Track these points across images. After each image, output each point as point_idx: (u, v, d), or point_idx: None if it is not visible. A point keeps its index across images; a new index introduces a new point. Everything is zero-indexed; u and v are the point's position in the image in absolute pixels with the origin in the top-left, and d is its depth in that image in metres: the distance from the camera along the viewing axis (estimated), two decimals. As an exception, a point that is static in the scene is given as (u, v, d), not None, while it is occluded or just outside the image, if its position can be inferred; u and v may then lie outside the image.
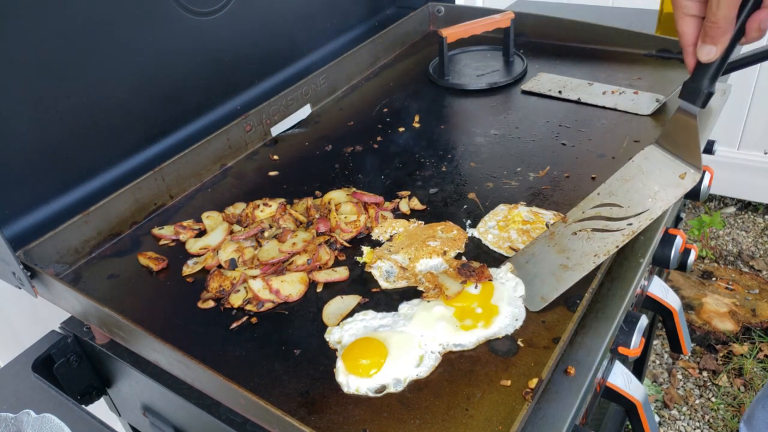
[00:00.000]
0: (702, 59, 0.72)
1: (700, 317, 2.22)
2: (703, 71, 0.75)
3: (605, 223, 0.83)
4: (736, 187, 2.80)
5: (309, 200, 1.06)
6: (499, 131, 1.23)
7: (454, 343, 0.79)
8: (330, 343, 0.82)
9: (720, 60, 0.73)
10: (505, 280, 0.86)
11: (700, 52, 0.71)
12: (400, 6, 1.75)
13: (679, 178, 0.82)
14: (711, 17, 0.68)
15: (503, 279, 0.86)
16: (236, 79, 1.32)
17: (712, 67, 0.74)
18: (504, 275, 0.87)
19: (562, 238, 0.86)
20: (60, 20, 0.97)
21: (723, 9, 0.66)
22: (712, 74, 0.75)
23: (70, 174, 1.05)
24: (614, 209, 0.84)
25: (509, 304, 0.82)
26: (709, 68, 0.75)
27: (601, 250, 0.81)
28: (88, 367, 0.98)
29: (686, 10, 0.71)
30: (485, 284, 0.84)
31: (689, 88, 0.78)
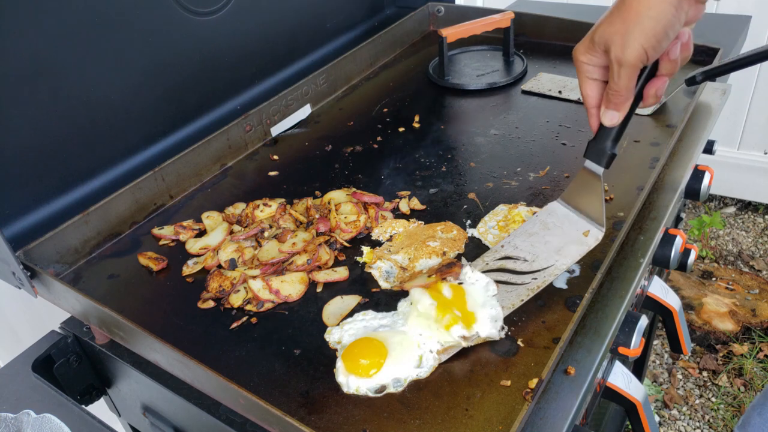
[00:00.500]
0: (606, 123, 0.76)
1: (700, 317, 2.22)
2: (607, 133, 0.78)
3: (510, 276, 0.83)
4: (736, 187, 2.80)
5: (309, 200, 1.06)
6: (499, 131, 1.23)
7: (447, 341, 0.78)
8: (330, 343, 0.82)
9: (619, 128, 0.77)
10: (473, 281, 0.83)
11: (604, 116, 0.75)
12: (400, 6, 1.75)
13: (582, 236, 0.83)
14: (613, 86, 0.72)
15: (471, 280, 0.84)
16: (236, 79, 1.32)
17: (614, 130, 0.77)
18: (471, 276, 0.84)
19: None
20: (60, 20, 0.97)
21: (624, 79, 0.70)
22: (614, 136, 0.78)
23: (70, 174, 1.05)
24: (518, 262, 0.84)
25: (484, 306, 0.80)
26: (612, 131, 0.77)
27: (505, 303, 0.80)
28: (88, 367, 0.98)
29: (589, 75, 0.75)
30: (456, 288, 0.82)
31: (594, 148, 0.80)
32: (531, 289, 0.81)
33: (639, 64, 0.69)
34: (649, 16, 0.66)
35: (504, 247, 0.87)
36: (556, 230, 0.85)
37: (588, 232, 0.83)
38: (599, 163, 0.80)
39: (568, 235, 0.84)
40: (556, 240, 0.84)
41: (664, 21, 0.66)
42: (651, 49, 0.68)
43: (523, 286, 0.81)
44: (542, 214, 0.88)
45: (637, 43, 0.67)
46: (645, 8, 0.66)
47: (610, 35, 0.69)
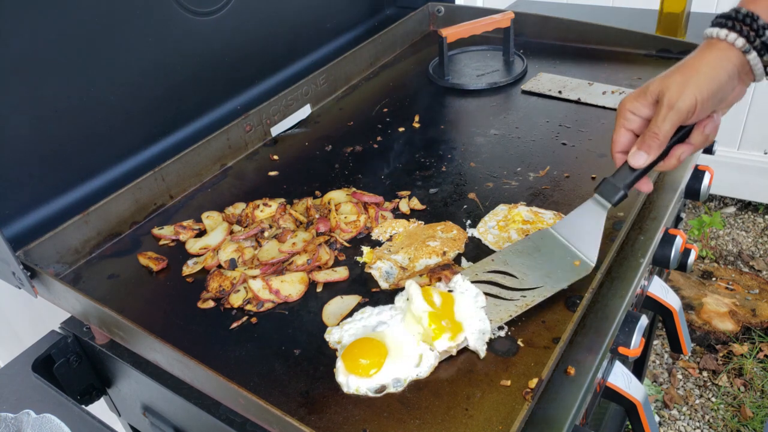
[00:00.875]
0: (632, 163, 0.78)
1: (700, 317, 2.22)
2: (626, 174, 0.80)
3: (499, 291, 0.83)
4: (736, 187, 2.80)
5: (309, 200, 1.06)
6: (499, 131, 1.23)
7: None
8: (330, 343, 0.81)
9: (639, 173, 0.79)
10: (464, 290, 0.83)
11: (634, 157, 0.78)
12: (400, 6, 1.75)
13: (573, 264, 0.83)
14: (654, 128, 0.75)
15: (461, 288, 0.83)
16: (236, 79, 1.32)
17: (634, 175, 0.79)
18: (461, 284, 0.84)
19: None
20: (60, 20, 0.97)
21: (667, 124, 0.74)
22: (631, 180, 0.80)
23: (70, 174, 1.05)
24: (508, 278, 0.84)
25: (472, 317, 0.79)
26: (631, 174, 0.79)
27: (492, 316, 0.80)
28: (88, 367, 0.98)
29: (628, 124, 0.79)
30: (445, 296, 0.81)
31: (608, 184, 0.81)
32: (519, 306, 0.81)
33: (687, 113, 0.73)
34: (706, 74, 0.72)
35: (494, 261, 0.87)
36: (547, 255, 0.86)
37: (579, 263, 0.84)
38: (610, 200, 0.81)
39: (558, 262, 0.84)
40: (547, 264, 0.85)
41: (717, 81, 0.72)
42: (701, 103, 0.73)
43: (512, 302, 0.81)
44: (535, 237, 0.89)
45: (691, 93, 0.72)
46: (704, 67, 0.73)
47: (667, 85, 0.74)
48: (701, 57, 0.74)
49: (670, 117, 0.74)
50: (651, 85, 0.77)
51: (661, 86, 0.75)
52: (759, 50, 0.71)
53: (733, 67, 0.72)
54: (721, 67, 0.72)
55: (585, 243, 0.84)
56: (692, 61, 0.74)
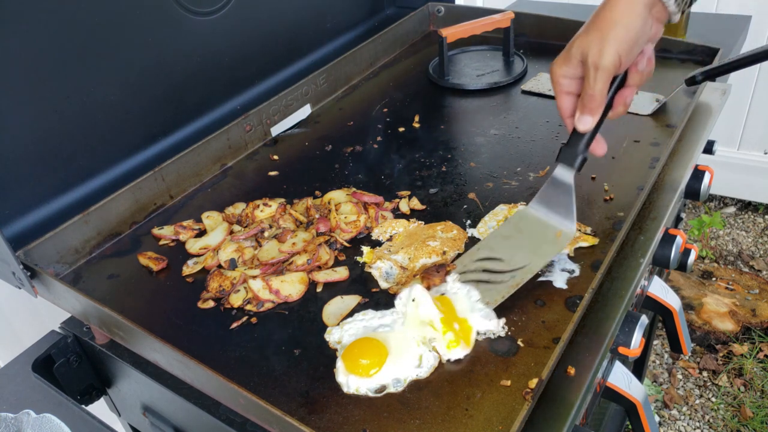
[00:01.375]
0: (579, 128, 0.81)
1: (700, 317, 2.22)
2: (579, 138, 0.83)
3: (489, 276, 0.85)
4: (736, 187, 2.80)
5: (309, 200, 1.06)
6: (499, 131, 1.23)
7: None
8: (330, 343, 0.81)
9: (591, 134, 0.82)
10: (455, 290, 0.84)
11: (579, 122, 0.80)
12: (400, 6, 1.75)
13: (555, 236, 0.86)
14: (588, 90, 0.77)
15: (453, 290, 0.84)
16: (236, 79, 1.32)
17: (587, 135, 0.82)
18: (452, 285, 0.85)
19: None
20: (60, 20, 0.97)
21: (599, 83, 0.76)
22: (586, 141, 0.83)
23: (70, 174, 1.05)
24: (496, 263, 0.86)
25: (473, 311, 0.81)
26: (584, 136, 0.82)
27: (489, 298, 0.82)
28: (88, 367, 0.98)
29: (564, 88, 0.82)
30: (442, 300, 0.82)
31: (566, 152, 0.84)
32: (510, 286, 0.82)
33: (613, 69, 0.75)
34: (622, 24, 0.74)
35: (480, 250, 0.89)
36: (528, 233, 0.88)
37: (560, 233, 0.86)
38: (572, 165, 0.84)
39: (541, 237, 0.87)
40: (530, 242, 0.87)
41: (634, 30, 0.74)
42: (624, 55, 0.74)
43: (503, 284, 0.83)
44: (514, 218, 0.91)
45: (612, 48, 0.74)
46: (618, 18, 0.74)
47: (587, 44, 0.76)
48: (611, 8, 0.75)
49: (600, 76, 0.75)
50: (572, 46, 0.78)
51: (581, 47, 0.77)
52: None
53: (643, 8, 0.73)
54: (634, 13, 0.73)
55: (561, 213, 0.86)
56: (604, 14, 0.75)
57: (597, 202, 1.00)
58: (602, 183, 1.04)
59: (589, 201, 1.01)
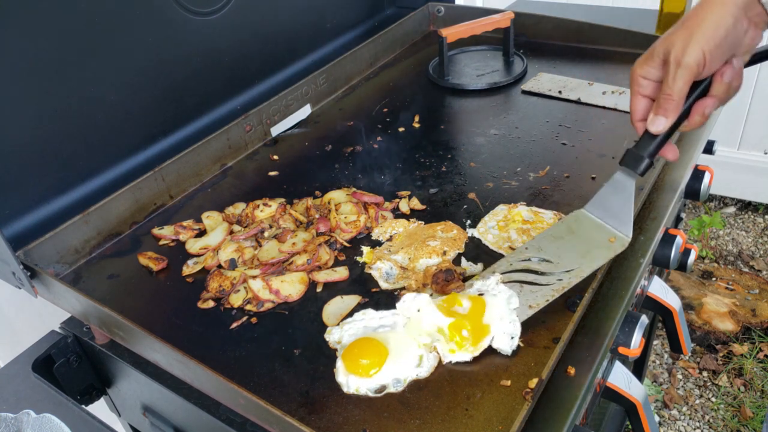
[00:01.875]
0: (652, 129, 0.76)
1: (700, 317, 2.22)
2: (648, 142, 0.78)
3: (535, 277, 0.82)
4: (736, 187, 2.80)
5: (309, 200, 1.06)
6: (499, 131, 1.23)
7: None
8: (330, 343, 0.81)
9: (662, 138, 0.77)
10: (497, 292, 0.81)
11: (652, 123, 0.76)
12: (400, 6, 1.75)
13: (608, 241, 0.83)
14: (666, 89, 0.73)
15: (494, 291, 0.81)
16: (236, 79, 1.32)
17: (656, 140, 0.78)
18: (495, 287, 0.82)
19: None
20: (60, 20, 0.97)
21: (679, 82, 0.72)
22: (655, 146, 0.78)
23: (70, 174, 1.05)
24: (543, 264, 0.84)
25: (502, 319, 0.78)
26: (654, 140, 0.78)
27: (532, 300, 0.80)
28: (88, 367, 0.98)
29: (642, 89, 0.77)
30: (476, 300, 0.80)
31: (632, 155, 0.80)
32: (556, 290, 0.80)
33: (696, 67, 0.70)
34: (711, 21, 0.69)
35: (528, 249, 0.86)
36: (581, 235, 0.84)
37: (614, 239, 0.82)
38: (635, 169, 0.80)
39: (593, 241, 0.83)
40: (582, 245, 0.83)
41: (723, 28, 0.69)
42: (709, 53, 0.70)
43: (548, 286, 0.80)
44: (568, 220, 0.87)
45: (697, 45, 0.69)
46: (708, 15, 0.69)
47: (672, 42, 0.72)
48: (703, 7, 0.71)
49: (681, 74, 0.71)
50: (657, 45, 0.74)
51: (666, 44, 0.72)
52: None
53: (736, 8, 0.69)
54: (725, 11, 0.69)
55: (618, 219, 0.83)
56: (694, 12, 0.71)
57: (597, 202, 1.00)
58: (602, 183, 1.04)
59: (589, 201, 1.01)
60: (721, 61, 0.72)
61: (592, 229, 0.84)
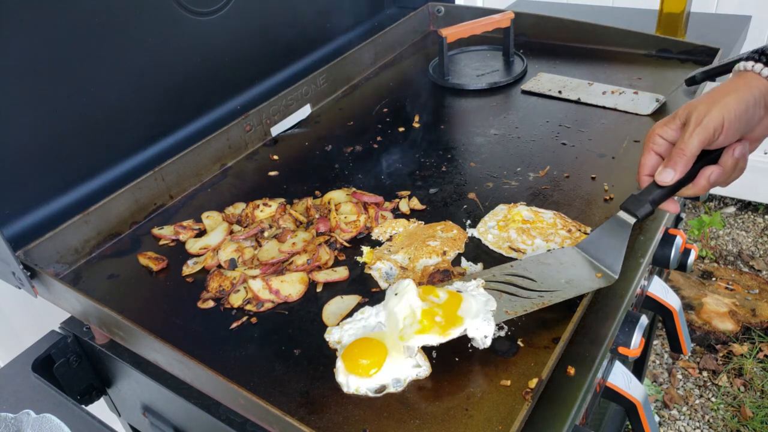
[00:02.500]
0: (660, 180, 0.79)
1: (700, 317, 2.22)
2: (652, 191, 0.81)
3: (516, 290, 0.82)
4: (736, 187, 2.79)
5: (309, 200, 1.06)
6: (499, 131, 1.23)
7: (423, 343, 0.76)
8: (330, 343, 0.81)
9: (666, 191, 0.80)
10: (476, 293, 0.81)
11: (661, 174, 0.79)
12: (400, 6, 1.75)
13: (595, 276, 0.83)
14: (681, 144, 0.77)
15: (474, 292, 0.82)
16: (236, 79, 1.32)
17: (660, 192, 0.80)
18: (475, 289, 0.82)
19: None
20: (60, 20, 0.97)
21: (694, 140, 0.76)
22: (658, 196, 0.81)
23: (70, 174, 1.05)
24: (527, 281, 0.84)
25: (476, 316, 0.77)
26: (658, 190, 0.80)
27: (509, 307, 0.80)
28: (88, 367, 0.98)
29: (656, 147, 0.81)
30: (453, 294, 0.80)
31: (635, 199, 0.82)
32: (536, 303, 0.80)
33: (713, 131, 0.75)
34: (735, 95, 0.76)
35: (513, 267, 0.86)
36: (568, 267, 0.85)
37: (601, 275, 0.83)
38: (635, 212, 0.81)
39: (580, 273, 0.84)
40: (568, 274, 0.84)
41: (744, 103, 0.76)
42: (728, 122, 0.75)
43: (529, 299, 0.81)
44: (557, 253, 0.88)
45: (719, 112, 0.75)
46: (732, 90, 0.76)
47: (695, 105, 0.77)
48: (729, 84, 0.78)
49: (698, 132, 0.75)
50: (680, 110, 0.79)
51: (688, 108, 0.78)
52: None
53: (759, 93, 0.76)
54: (748, 92, 0.76)
55: (608, 257, 0.84)
56: (720, 88, 0.78)
57: (597, 202, 1.00)
58: (602, 183, 1.04)
59: (589, 201, 1.01)
60: (735, 134, 0.77)
61: (580, 264, 0.85)
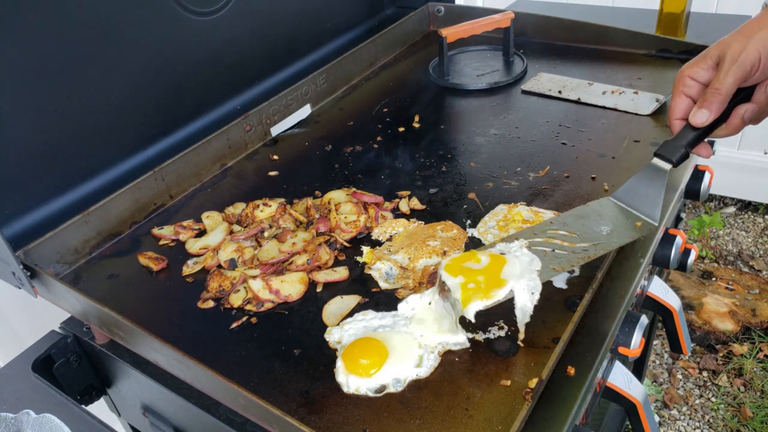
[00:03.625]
0: (694, 122, 0.77)
1: (700, 317, 2.22)
2: (687, 134, 0.79)
3: (559, 246, 0.82)
4: (736, 187, 2.80)
5: (309, 200, 1.06)
6: (499, 131, 1.23)
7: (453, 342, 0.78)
8: (330, 343, 0.81)
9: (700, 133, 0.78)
10: (520, 254, 0.81)
11: (695, 115, 0.76)
12: (400, 6, 1.75)
13: (635, 224, 0.82)
14: (716, 83, 0.74)
15: (517, 253, 0.81)
16: (236, 79, 1.32)
17: (694, 134, 0.78)
18: (518, 250, 0.81)
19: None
20: (60, 20, 0.97)
21: (729, 78, 0.73)
22: (692, 139, 0.79)
23: (70, 174, 1.05)
24: (568, 237, 0.83)
25: (522, 276, 0.76)
26: (692, 133, 0.78)
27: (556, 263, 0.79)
28: (88, 367, 0.98)
29: (686, 89, 0.78)
30: (495, 257, 0.79)
31: (669, 145, 0.80)
32: (582, 257, 0.79)
33: (750, 67, 0.72)
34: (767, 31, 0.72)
35: (553, 224, 0.86)
36: (607, 218, 0.84)
37: (641, 223, 0.82)
38: (670, 158, 0.79)
39: (619, 223, 0.83)
40: (607, 224, 0.83)
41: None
42: (765, 57, 0.72)
43: (574, 254, 0.80)
44: (594, 204, 0.87)
45: (755, 47, 0.72)
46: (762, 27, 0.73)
47: (729, 43, 0.74)
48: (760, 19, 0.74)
49: (733, 71, 0.72)
50: (710, 49, 0.76)
51: (721, 47, 0.74)
52: None
53: None
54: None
55: (646, 205, 0.82)
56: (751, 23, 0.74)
57: (597, 202, 1.00)
58: (602, 183, 1.04)
59: (589, 201, 1.01)
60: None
61: (619, 213, 0.84)
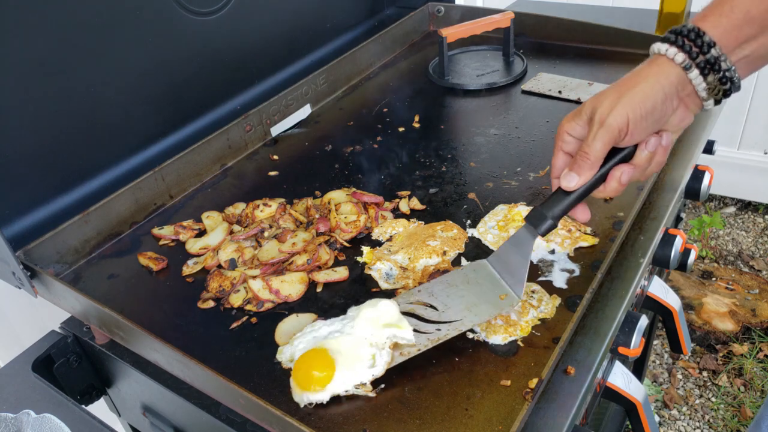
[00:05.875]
0: (563, 185, 0.74)
1: (700, 317, 2.22)
2: (557, 201, 0.76)
3: (416, 323, 0.80)
4: (736, 187, 2.79)
5: (309, 200, 1.06)
6: (499, 131, 1.23)
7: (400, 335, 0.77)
8: (282, 363, 0.79)
9: (573, 199, 0.75)
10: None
11: (564, 178, 0.73)
12: (400, 6, 1.75)
13: (498, 299, 0.80)
14: (585, 147, 0.71)
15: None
16: (236, 79, 1.32)
17: (564, 202, 0.75)
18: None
19: None
20: (60, 20, 0.97)
21: (597, 143, 0.70)
22: (564, 207, 0.76)
23: (70, 174, 1.05)
24: (429, 310, 0.81)
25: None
26: (564, 199, 0.75)
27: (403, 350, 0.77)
28: (88, 367, 0.98)
29: (564, 145, 0.76)
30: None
31: (537, 213, 0.77)
32: (432, 340, 0.77)
33: (617, 131, 0.69)
34: (641, 90, 0.68)
35: (420, 292, 0.84)
36: (475, 287, 0.82)
37: (505, 296, 0.80)
38: (537, 229, 0.77)
39: (485, 295, 0.81)
40: (472, 297, 0.81)
41: (652, 100, 0.68)
42: (633, 121, 0.68)
43: (425, 335, 0.78)
44: (468, 269, 0.86)
45: (623, 110, 0.68)
46: (640, 82, 0.69)
47: (600, 102, 0.71)
48: (640, 72, 0.70)
49: (601, 135, 0.69)
50: (586, 103, 0.73)
51: (593, 103, 0.71)
52: (702, 68, 0.66)
53: (670, 85, 0.68)
54: (657, 83, 0.68)
55: (513, 276, 0.80)
56: (630, 76, 0.70)
57: (597, 202, 1.00)
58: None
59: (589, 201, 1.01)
60: (645, 132, 0.70)
61: (487, 281, 0.82)
